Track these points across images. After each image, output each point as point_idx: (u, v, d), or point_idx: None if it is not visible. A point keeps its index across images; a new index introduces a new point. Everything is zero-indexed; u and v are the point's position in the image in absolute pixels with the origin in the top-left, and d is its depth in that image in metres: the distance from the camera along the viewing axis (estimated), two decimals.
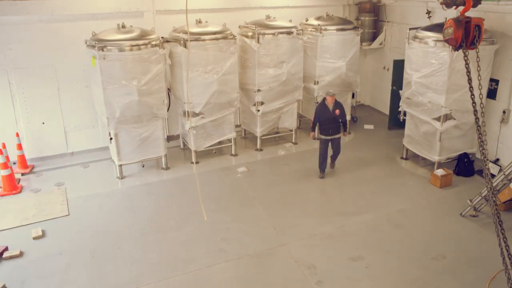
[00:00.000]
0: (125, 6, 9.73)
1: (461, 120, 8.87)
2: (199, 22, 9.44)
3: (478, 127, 4.69)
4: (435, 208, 8.00)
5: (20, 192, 8.69)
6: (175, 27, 9.53)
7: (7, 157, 8.79)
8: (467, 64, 4.72)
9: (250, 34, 9.82)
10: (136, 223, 7.57)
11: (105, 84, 8.29)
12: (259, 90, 9.99)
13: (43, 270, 6.36)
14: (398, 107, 9.74)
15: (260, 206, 8.11)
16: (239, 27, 10.25)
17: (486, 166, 4.66)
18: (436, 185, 8.66)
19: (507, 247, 4.62)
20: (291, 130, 11.01)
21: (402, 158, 10.06)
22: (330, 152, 9.21)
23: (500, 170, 7.84)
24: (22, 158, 9.52)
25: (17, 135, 9.49)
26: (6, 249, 6.78)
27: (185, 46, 8.73)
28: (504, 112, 8.85)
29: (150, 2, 9.97)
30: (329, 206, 8.10)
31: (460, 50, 4.80)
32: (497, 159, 9.09)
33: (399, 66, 10.70)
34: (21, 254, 6.70)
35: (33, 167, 9.68)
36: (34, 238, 7.12)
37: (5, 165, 8.59)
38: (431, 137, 9.14)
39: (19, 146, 9.46)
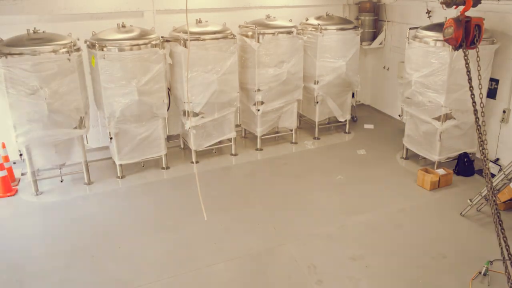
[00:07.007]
0: (125, 6, 9.72)
1: (461, 120, 8.86)
2: (199, 21, 9.43)
3: (478, 127, 4.69)
4: (435, 207, 8.00)
5: (14, 195, 8.53)
6: (175, 26, 9.51)
7: (4, 158, 8.74)
8: (467, 63, 4.72)
9: (250, 33, 9.82)
10: (136, 223, 7.58)
11: (105, 84, 8.29)
12: (259, 90, 9.99)
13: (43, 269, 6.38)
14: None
15: (260, 205, 8.11)
16: (239, 26, 10.24)
17: (486, 166, 4.67)
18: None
19: (507, 247, 4.62)
20: (291, 130, 11.00)
21: (402, 157, 10.05)
22: None
23: (500, 170, 7.84)
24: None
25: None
26: None
27: (185, 46, 8.73)
28: (504, 111, 8.85)
29: (150, 2, 9.96)
30: (329, 205, 8.10)
31: (460, 50, 4.80)
32: (497, 159, 9.09)
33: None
34: None
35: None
36: None
37: (1, 166, 8.50)
38: (431, 136, 9.13)
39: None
